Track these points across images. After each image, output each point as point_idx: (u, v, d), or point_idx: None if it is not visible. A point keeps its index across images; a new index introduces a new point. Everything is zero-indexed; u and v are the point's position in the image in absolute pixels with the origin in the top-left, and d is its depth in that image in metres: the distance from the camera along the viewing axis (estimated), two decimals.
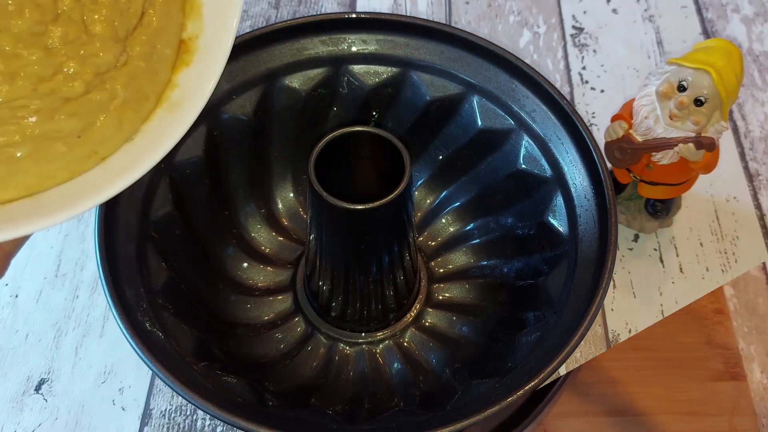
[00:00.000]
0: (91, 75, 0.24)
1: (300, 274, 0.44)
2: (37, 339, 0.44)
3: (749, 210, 0.50)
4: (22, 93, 0.23)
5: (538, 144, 0.40)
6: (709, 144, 0.39)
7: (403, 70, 0.42)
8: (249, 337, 0.41)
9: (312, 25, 0.41)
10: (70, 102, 0.23)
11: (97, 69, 0.24)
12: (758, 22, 0.61)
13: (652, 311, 0.46)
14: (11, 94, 0.23)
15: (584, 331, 0.32)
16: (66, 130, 0.23)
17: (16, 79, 0.23)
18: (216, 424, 0.41)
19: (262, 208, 0.45)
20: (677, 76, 0.39)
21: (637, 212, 0.48)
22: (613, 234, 0.35)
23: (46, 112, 0.23)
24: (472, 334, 0.41)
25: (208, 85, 0.26)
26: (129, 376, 0.42)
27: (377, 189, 0.34)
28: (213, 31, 0.27)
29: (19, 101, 0.23)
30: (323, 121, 0.44)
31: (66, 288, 0.46)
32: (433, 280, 0.44)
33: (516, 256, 0.42)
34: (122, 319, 0.32)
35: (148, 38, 0.26)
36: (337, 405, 0.38)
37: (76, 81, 0.24)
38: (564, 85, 0.56)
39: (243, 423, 0.30)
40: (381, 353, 0.42)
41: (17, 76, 0.23)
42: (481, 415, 0.30)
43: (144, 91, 0.25)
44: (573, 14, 0.61)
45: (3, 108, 0.22)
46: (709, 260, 0.48)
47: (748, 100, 0.56)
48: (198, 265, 0.41)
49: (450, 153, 0.44)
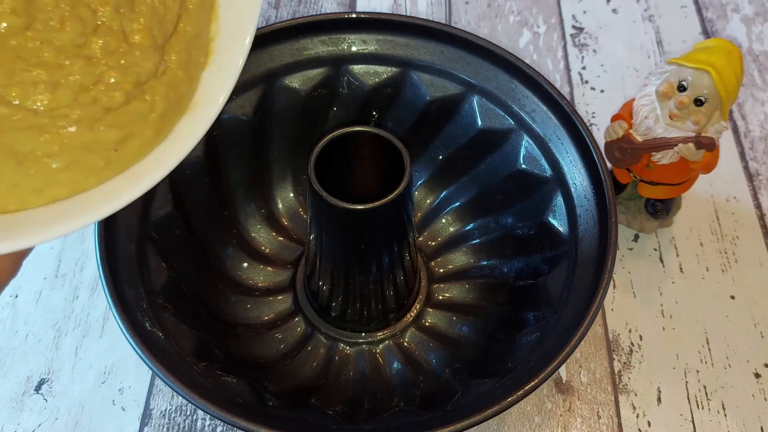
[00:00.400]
0: (131, 85, 0.24)
1: (300, 274, 0.44)
2: (37, 339, 0.44)
3: (749, 210, 0.50)
4: (64, 102, 0.23)
5: (538, 144, 0.40)
6: (709, 144, 0.39)
7: (403, 70, 0.42)
8: (249, 337, 0.41)
9: (312, 25, 0.41)
10: (110, 112, 0.23)
11: (137, 78, 0.24)
12: (758, 22, 0.61)
13: (652, 311, 0.46)
14: (53, 103, 0.22)
15: (584, 331, 0.32)
16: (105, 141, 0.23)
17: (58, 89, 0.23)
18: (216, 424, 0.41)
19: (262, 208, 0.45)
20: (677, 76, 0.39)
21: (637, 212, 0.48)
22: (613, 234, 0.35)
23: (86, 122, 0.23)
24: (472, 334, 0.41)
25: (224, 89, 0.26)
26: (129, 376, 0.42)
27: (377, 189, 0.34)
28: (230, 34, 0.27)
29: (61, 110, 0.23)
30: (323, 121, 0.44)
31: (66, 288, 0.46)
32: (433, 280, 0.44)
33: (516, 256, 0.42)
34: (122, 319, 0.32)
35: (185, 45, 0.25)
36: (337, 405, 0.38)
37: (117, 91, 0.23)
38: (564, 85, 0.56)
39: (243, 423, 0.30)
40: (381, 353, 0.42)
41: (59, 86, 0.23)
42: (481, 415, 0.30)
43: (181, 100, 0.25)
44: (573, 14, 0.61)
45: (44, 117, 0.22)
46: (709, 260, 0.48)
47: (748, 99, 0.56)
48: (198, 265, 0.41)
49: (450, 153, 0.44)
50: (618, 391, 0.42)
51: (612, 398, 0.42)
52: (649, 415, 0.42)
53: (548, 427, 0.41)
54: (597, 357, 0.44)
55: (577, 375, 0.43)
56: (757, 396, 0.42)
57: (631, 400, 0.42)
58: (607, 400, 0.42)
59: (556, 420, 0.41)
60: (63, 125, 0.23)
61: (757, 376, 0.43)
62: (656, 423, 0.41)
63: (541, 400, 0.42)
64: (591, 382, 0.43)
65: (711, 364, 0.44)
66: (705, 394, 0.42)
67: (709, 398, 0.42)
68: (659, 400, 0.42)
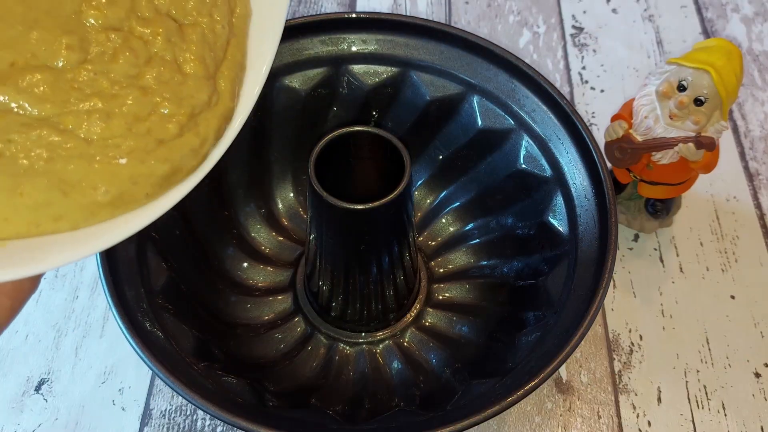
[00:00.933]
0: (185, 117, 0.23)
1: (300, 274, 0.44)
2: (37, 339, 0.44)
3: (749, 210, 0.50)
4: (118, 132, 0.22)
5: (538, 144, 0.40)
6: (709, 144, 0.39)
7: (403, 70, 0.42)
8: (249, 337, 0.41)
9: (312, 25, 0.41)
10: (163, 145, 0.23)
11: (192, 110, 0.24)
12: (758, 22, 0.61)
13: (652, 311, 0.46)
14: (107, 132, 0.22)
15: (584, 331, 0.32)
16: (153, 176, 0.23)
17: (112, 118, 0.22)
18: (216, 424, 0.41)
19: (262, 208, 0.45)
20: (677, 76, 0.39)
21: (637, 212, 0.48)
22: (613, 234, 0.35)
23: (138, 154, 0.22)
24: (472, 334, 0.41)
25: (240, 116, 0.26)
26: (129, 377, 0.42)
27: (377, 189, 0.34)
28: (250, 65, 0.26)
29: (114, 140, 0.22)
30: (323, 121, 0.44)
31: (66, 288, 0.46)
32: (433, 280, 0.44)
33: (516, 256, 0.42)
34: (122, 319, 0.32)
35: (234, 73, 0.25)
36: (337, 405, 0.38)
37: (171, 122, 0.23)
38: (564, 85, 0.56)
39: (243, 423, 0.30)
40: (381, 353, 0.42)
41: (113, 115, 0.22)
42: (481, 415, 0.30)
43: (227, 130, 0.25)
44: (573, 14, 0.61)
45: (96, 146, 0.22)
46: (709, 260, 0.48)
47: (748, 99, 0.56)
48: (198, 265, 0.41)
49: (450, 153, 0.44)
50: (618, 391, 0.42)
51: (612, 398, 0.42)
52: (649, 414, 0.42)
53: (548, 426, 0.41)
54: (597, 357, 0.44)
55: (577, 375, 0.43)
56: (757, 396, 0.42)
57: (631, 399, 0.42)
58: (607, 399, 0.42)
59: (557, 420, 0.41)
60: (114, 156, 0.22)
61: (757, 375, 0.43)
62: (656, 423, 0.41)
63: (542, 400, 0.42)
64: (591, 382, 0.43)
65: (711, 364, 0.44)
66: (705, 394, 0.42)
67: (709, 398, 0.42)
68: (659, 400, 0.42)
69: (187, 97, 0.24)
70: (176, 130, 0.23)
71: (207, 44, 0.25)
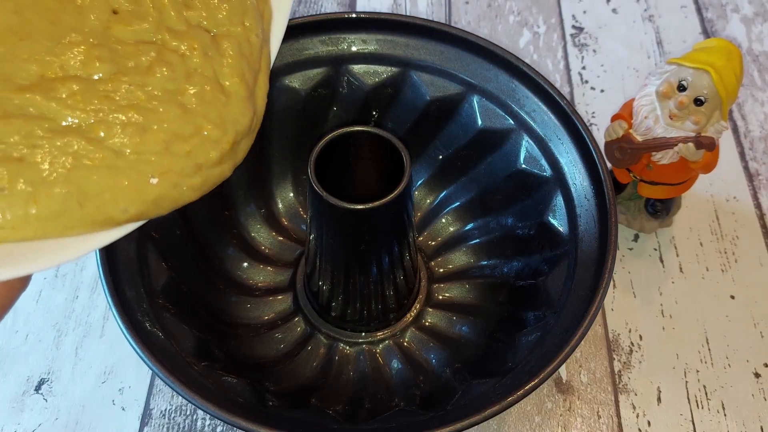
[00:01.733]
0: (229, 144, 0.22)
1: (300, 274, 0.44)
2: (38, 339, 0.44)
3: (749, 210, 0.50)
4: (153, 148, 0.21)
5: (538, 144, 0.40)
6: (709, 144, 0.39)
7: (403, 70, 0.42)
8: (249, 337, 0.41)
9: (312, 25, 0.41)
10: (200, 172, 0.22)
11: (235, 137, 0.22)
12: (758, 22, 0.61)
13: (652, 311, 0.46)
14: (141, 146, 0.21)
15: (584, 331, 0.32)
16: (179, 200, 0.22)
17: (148, 132, 0.21)
18: (216, 424, 0.41)
19: (262, 208, 0.45)
20: (677, 76, 0.39)
21: (637, 212, 0.48)
22: (613, 234, 0.35)
23: (171, 176, 0.21)
24: (472, 334, 0.41)
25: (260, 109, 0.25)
26: (129, 376, 0.42)
27: (377, 189, 0.34)
28: None
29: (146, 156, 0.21)
30: (323, 121, 0.44)
31: (66, 288, 0.46)
32: (433, 280, 0.44)
33: (516, 256, 0.42)
34: (122, 319, 0.32)
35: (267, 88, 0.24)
36: (338, 405, 0.38)
37: (215, 149, 0.22)
38: (564, 85, 0.56)
39: (243, 423, 0.30)
40: (381, 353, 0.42)
41: (150, 130, 0.21)
42: (481, 415, 0.30)
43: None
44: (573, 14, 0.61)
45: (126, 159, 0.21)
46: (709, 260, 0.48)
47: (747, 99, 0.56)
48: (198, 265, 0.41)
49: (450, 153, 0.44)
50: (618, 391, 0.42)
51: (612, 398, 0.42)
52: (649, 414, 0.42)
53: (548, 426, 0.41)
54: (597, 357, 0.44)
55: (577, 375, 0.43)
56: (756, 396, 0.42)
57: (631, 399, 0.42)
58: (607, 399, 0.42)
59: (556, 420, 0.41)
60: (145, 172, 0.21)
61: (756, 375, 0.43)
62: (656, 423, 0.42)
63: (541, 400, 0.42)
64: (591, 381, 0.43)
65: (711, 364, 0.44)
66: (705, 394, 0.42)
67: (709, 398, 0.42)
68: (659, 400, 0.42)
69: (232, 122, 0.22)
70: (217, 157, 0.22)
71: (244, 56, 0.23)
